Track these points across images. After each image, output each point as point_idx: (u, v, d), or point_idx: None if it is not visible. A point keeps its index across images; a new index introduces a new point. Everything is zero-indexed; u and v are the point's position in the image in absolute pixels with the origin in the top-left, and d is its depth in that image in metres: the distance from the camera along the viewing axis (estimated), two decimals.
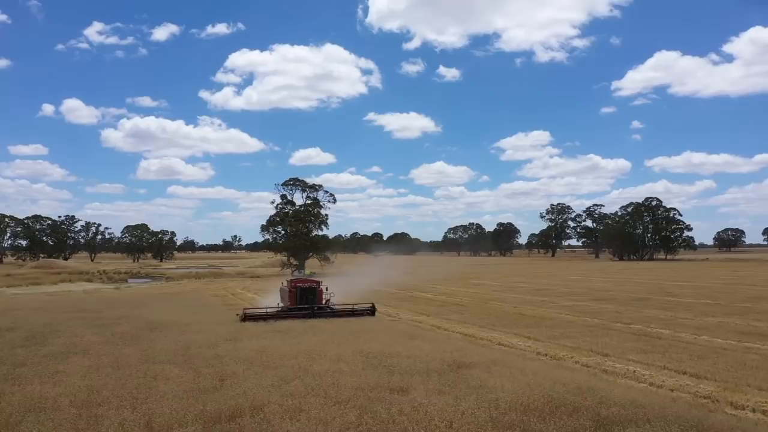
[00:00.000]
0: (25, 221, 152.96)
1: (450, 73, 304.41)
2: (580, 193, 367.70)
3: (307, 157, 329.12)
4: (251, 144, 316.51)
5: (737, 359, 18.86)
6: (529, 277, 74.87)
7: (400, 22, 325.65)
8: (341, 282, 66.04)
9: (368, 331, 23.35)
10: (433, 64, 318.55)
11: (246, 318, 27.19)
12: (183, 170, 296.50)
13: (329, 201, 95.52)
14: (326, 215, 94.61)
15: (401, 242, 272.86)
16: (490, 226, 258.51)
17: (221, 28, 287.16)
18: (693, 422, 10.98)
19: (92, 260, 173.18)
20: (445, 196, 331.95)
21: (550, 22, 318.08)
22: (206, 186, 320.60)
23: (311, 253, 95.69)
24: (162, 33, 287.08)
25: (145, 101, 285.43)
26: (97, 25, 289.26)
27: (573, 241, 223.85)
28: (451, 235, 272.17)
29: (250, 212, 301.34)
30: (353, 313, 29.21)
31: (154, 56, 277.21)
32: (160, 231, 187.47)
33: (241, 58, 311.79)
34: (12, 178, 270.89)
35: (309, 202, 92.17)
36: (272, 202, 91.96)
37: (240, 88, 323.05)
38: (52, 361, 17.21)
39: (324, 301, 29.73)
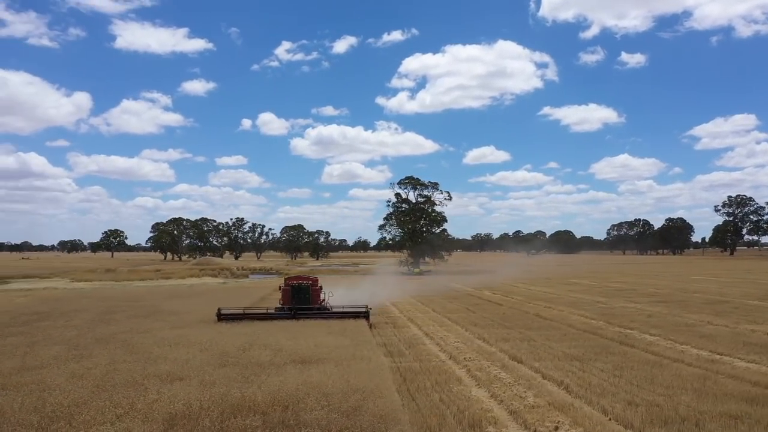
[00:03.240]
0: (198, 223, 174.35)
1: (633, 60, 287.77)
2: None
3: (481, 155, 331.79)
4: (426, 145, 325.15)
5: None
6: (643, 277, 67.65)
7: (575, 11, 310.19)
8: (430, 280, 65.95)
9: (318, 332, 23.05)
10: (614, 52, 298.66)
11: (221, 318, 26.30)
12: (362, 174, 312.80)
13: (446, 199, 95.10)
14: (441, 213, 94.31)
15: (562, 241, 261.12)
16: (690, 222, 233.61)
17: (396, 35, 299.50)
18: None
19: (258, 258, 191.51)
20: (631, 191, 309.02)
21: None
22: (384, 188, 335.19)
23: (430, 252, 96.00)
24: (342, 45, 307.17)
25: (328, 110, 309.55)
26: (286, 44, 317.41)
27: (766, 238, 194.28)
28: (615, 233, 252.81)
29: None
30: (343, 315, 27.12)
31: (335, 68, 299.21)
32: (316, 231, 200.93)
33: (414, 63, 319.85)
34: (218, 186, 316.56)
35: (422, 200, 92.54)
36: (388, 202, 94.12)
37: (413, 92, 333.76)
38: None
39: (321, 302, 28.51)
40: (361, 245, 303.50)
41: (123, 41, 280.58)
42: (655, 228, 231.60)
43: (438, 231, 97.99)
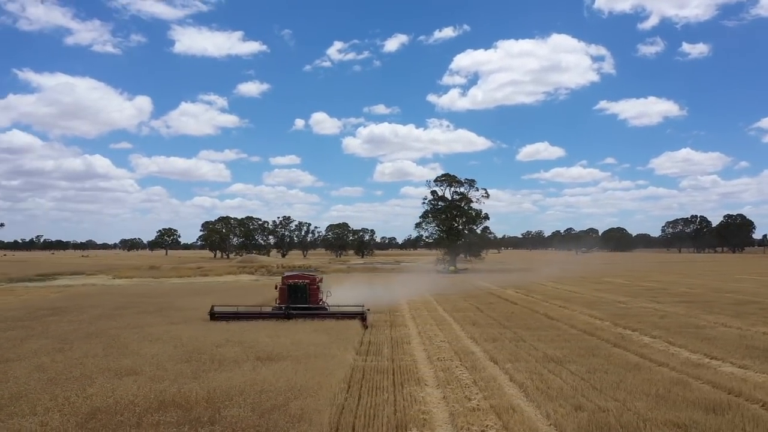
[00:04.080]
0: (244, 221, 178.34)
1: (696, 50, 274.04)
2: None
3: (535, 152, 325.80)
4: (478, 143, 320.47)
5: None
6: (682, 276, 64.74)
7: (632, 2, 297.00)
8: (461, 278, 65.10)
9: (303, 330, 22.87)
10: (674, 42, 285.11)
11: (213, 317, 25.76)
12: (414, 171, 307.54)
13: (483, 196, 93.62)
14: (478, 211, 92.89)
15: (614, 239, 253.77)
16: (756, 218, 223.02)
17: (448, 32, 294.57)
18: None
19: (304, 256, 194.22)
20: (693, 186, 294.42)
21: None
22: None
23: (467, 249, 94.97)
24: (393, 44, 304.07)
25: (380, 109, 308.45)
26: (338, 44, 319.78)
27: None
28: (671, 230, 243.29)
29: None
30: (338, 315, 25.89)
31: (386, 66, 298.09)
32: (361, 229, 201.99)
33: (466, 59, 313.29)
34: (272, 185, 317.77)
35: (457, 197, 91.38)
36: (424, 200, 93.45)
37: (465, 89, 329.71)
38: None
39: (319, 301, 27.42)
40: (411, 243, 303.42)
41: (181, 46, 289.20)
42: (713, 225, 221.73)
43: (476, 228, 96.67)
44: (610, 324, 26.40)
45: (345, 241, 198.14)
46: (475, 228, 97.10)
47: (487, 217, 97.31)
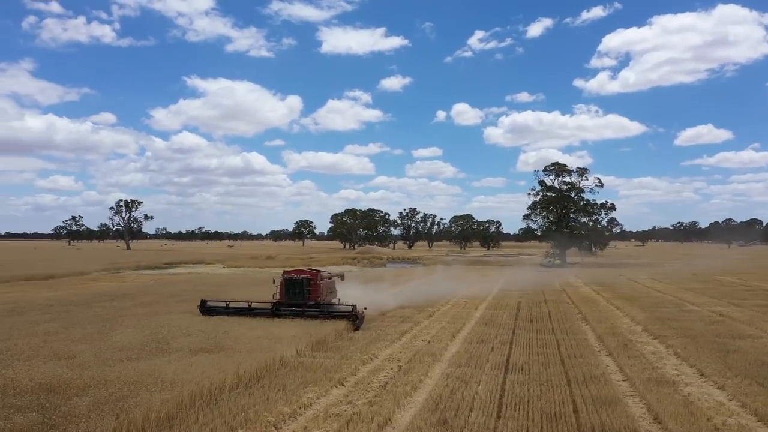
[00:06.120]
0: (368, 213, 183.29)
1: None
2: None
3: (696, 135, 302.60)
4: (631, 128, 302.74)
5: None
6: None
7: None
8: (556, 272, 61.74)
9: (284, 324, 23.27)
10: None
11: (205, 311, 25.70)
12: (560, 160, 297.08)
13: (597, 186, 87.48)
14: (590, 201, 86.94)
15: None
16: None
17: (597, 12, 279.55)
18: None
19: (429, 248, 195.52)
20: None
21: None
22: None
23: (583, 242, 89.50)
24: (536, 29, 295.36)
25: (523, 97, 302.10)
26: (479, 33, 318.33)
27: None
28: None
29: (631, 199, 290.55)
30: (328, 315, 24.75)
31: (529, 53, 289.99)
32: (486, 221, 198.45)
33: (616, 39, 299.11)
34: (415, 177, 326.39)
35: (566, 188, 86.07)
36: (532, 190, 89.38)
37: (615, 71, 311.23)
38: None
39: (319, 298, 25.70)
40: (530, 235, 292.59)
41: (327, 45, 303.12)
42: None
43: (590, 219, 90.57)
44: (642, 329, 23.76)
45: (470, 232, 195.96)
46: (590, 219, 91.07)
47: (612, 208, 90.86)
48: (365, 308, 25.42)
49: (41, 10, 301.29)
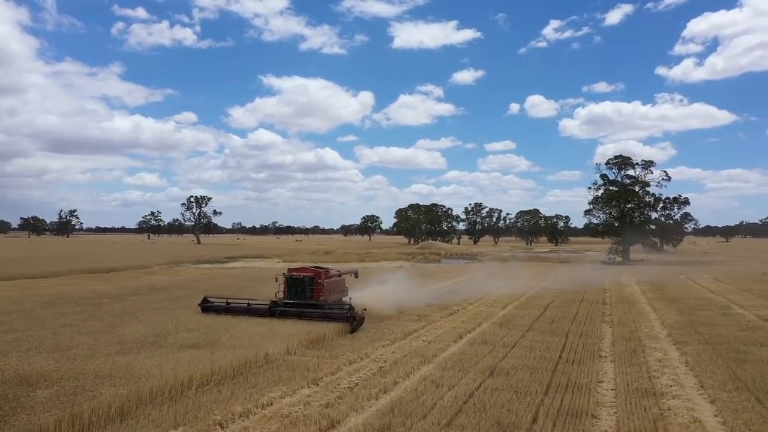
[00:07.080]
0: (432, 208, 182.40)
1: None
2: None
3: None
4: (719, 117, 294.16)
5: None
6: None
7: None
8: (613, 270, 59.17)
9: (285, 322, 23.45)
10: None
11: (205, 308, 25.57)
12: (641, 152, 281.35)
13: (663, 179, 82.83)
14: (655, 195, 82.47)
15: None
16: None
17: None
18: None
19: (495, 243, 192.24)
20: None
21: None
22: (667, 167, 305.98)
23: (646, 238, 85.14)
24: (615, 16, 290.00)
25: (601, 87, 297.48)
26: (554, 23, 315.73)
27: None
28: None
29: (719, 192, 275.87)
30: (323, 316, 23.85)
31: (607, 41, 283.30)
32: (554, 215, 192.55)
33: (702, 24, 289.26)
34: (487, 171, 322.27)
35: (627, 182, 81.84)
36: (593, 184, 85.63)
37: (701, 57, 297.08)
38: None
39: (322, 297, 24.98)
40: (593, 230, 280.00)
41: (399, 41, 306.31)
42: None
43: (658, 214, 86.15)
44: (666, 334, 22.33)
45: (536, 227, 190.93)
46: (660, 214, 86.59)
47: (686, 202, 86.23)
48: (365, 309, 24.68)
49: (128, 16, 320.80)
